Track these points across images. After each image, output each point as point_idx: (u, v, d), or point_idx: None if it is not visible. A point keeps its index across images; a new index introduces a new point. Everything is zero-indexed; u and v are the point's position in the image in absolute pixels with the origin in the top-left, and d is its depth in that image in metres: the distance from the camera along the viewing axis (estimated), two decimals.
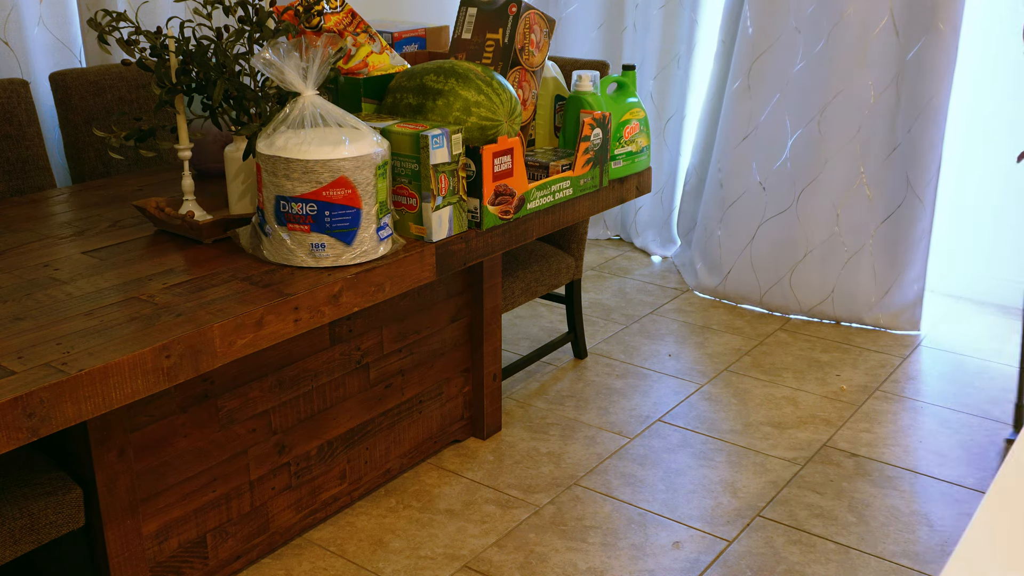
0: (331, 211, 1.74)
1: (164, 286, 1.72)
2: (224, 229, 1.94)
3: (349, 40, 2.12)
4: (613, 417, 2.77)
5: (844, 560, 2.17)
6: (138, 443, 1.81)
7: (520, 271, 2.74)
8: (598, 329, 3.36)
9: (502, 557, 2.17)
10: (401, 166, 1.91)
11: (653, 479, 2.47)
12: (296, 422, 2.13)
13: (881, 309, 3.36)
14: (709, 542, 2.23)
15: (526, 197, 2.13)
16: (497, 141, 2.02)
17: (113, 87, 2.56)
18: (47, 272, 1.78)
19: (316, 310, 1.73)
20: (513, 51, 2.17)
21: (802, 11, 3.27)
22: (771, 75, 3.37)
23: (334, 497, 2.28)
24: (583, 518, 2.31)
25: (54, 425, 1.39)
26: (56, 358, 1.44)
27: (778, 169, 3.42)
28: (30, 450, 1.81)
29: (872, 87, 3.21)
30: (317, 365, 2.14)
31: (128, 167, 2.57)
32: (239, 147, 1.95)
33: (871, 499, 2.39)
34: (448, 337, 2.49)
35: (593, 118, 2.24)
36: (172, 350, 1.52)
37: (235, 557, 2.08)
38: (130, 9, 2.70)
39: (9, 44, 2.46)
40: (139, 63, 1.88)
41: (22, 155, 2.38)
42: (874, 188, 3.30)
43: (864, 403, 2.87)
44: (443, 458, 2.55)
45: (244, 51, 1.91)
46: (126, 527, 1.81)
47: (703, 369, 3.07)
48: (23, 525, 1.66)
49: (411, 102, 2.03)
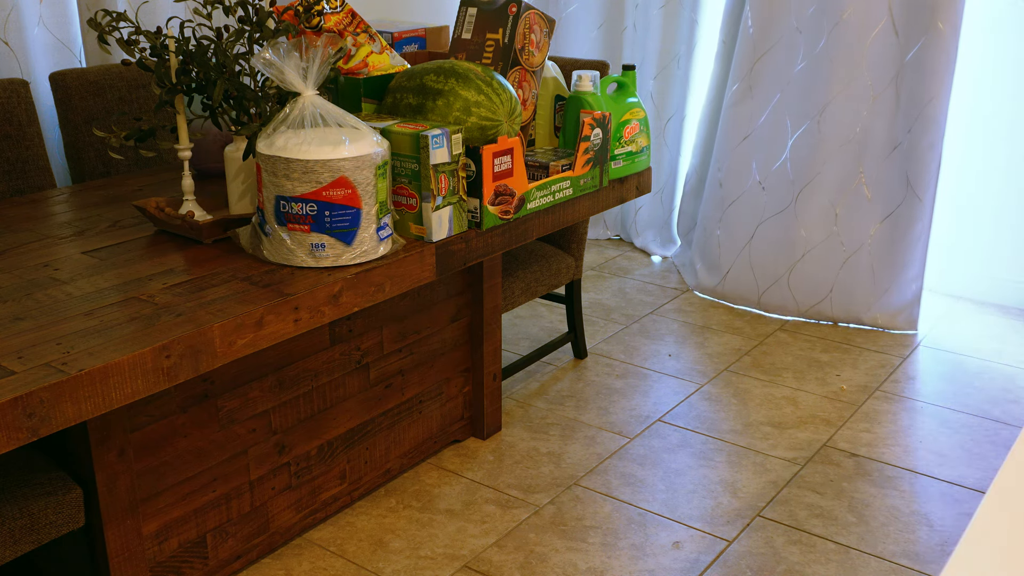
0: (331, 211, 1.74)
1: (164, 286, 1.72)
2: (224, 229, 1.94)
3: (349, 40, 2.12)
4: (613, 417, 2.77)
5: (844, 560, 2.17)
6: (138, 443, 1.81)
7: (520, 271, 2.74)
8: (598, 329, 3.36)
9: (502, 557, 2.17)
10: (401, 166, 1.91)
11: (653, 479, 2.47)
12: (296, 422, 2.13)
13: (879, 309, 3.36)
14: (709, 542, 2.23)
15: (526, 197, 2.13)
16: (497, 141, 2.02)
17: (113, 87, 2.56)
18: (47, 272, 1.78)
19: (316, 310, 1.73)
20: (513, 51, 2.17)
21: (803, 11, 3.27)
22: (772, 75, 3.37)
23: (334, 497, 2.28)
24: (583, 518, 2.31)
25: (54, 425, 1.39)
26: (56, 358, 1.44)
27: (778, 169, 3.42)
28: (30, 450, 1.81)
29: (871, 87, 3.21)
30: (317, 365, 2.14)
31: (128, 167, 2.57)
32: (239, 147, 1.95)
33: (871, 499, 2.40)
34: (448, 337, 2.49)
35: (593, 118, 2.24)
36: (172, 350, 1.52)
37: (235, 557, 2.08)
38: (130, 9, 2.70)
39: (9, 44, 2.46)
40: (139, 63, 1.88)
41: (22, 155, 2.38)
42: (873, 188, 3.30)
43: (864, 403, 2.87)
44: (443, 458, 2.55)
45: (244, 51, 1.91)
46: (126, 527, 1.81)
47: (703, 369, 3.08)
48: (23, 525, 1.66)
49: (411, 102, 2.03)
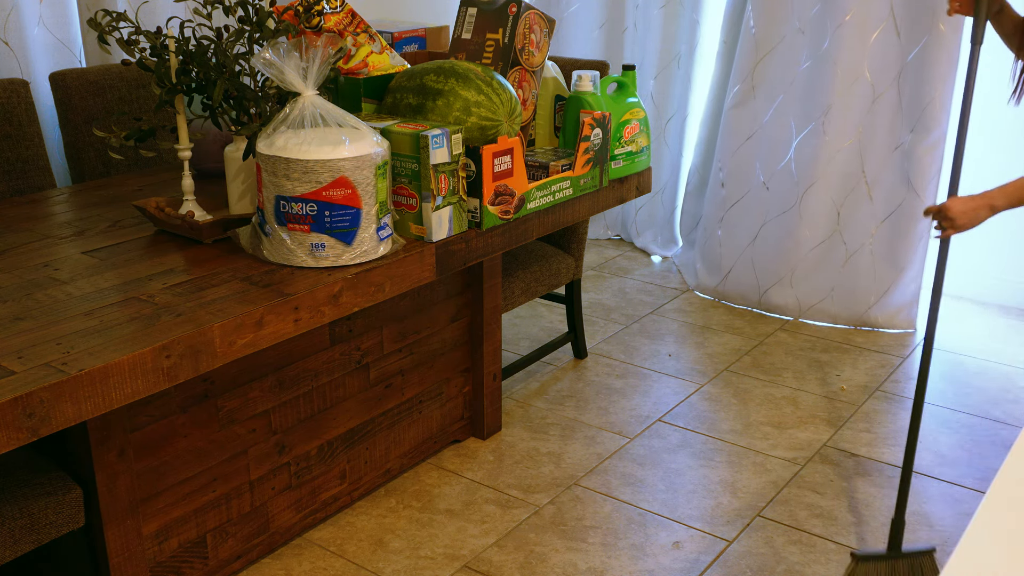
0: (331, 211, 1.74)
1: (164, 286, 1.72)
2: (224, 229, 1.94)
3: (349, 40, 2.12)
4: (613, 417, 2.77)
5: (844, 560, 2.16)
6: (138, 443, 1.81)
7: (520, 271, 2.74)
8: (598, 329, 3.36)
9: (502, 557, 2.17)
10: (401, 166, 1.90)
11: (653, 479, 2.47)
12: (296, 422, 2.13)
13: (879, 309, 3.36)
14: (709, 542, 2.23)
15: (526, 197, 2.13)
16: (497, 141, 2.02)
17: (113, 87, 2.56)
18: (47, 272, 1.78)
19: (316, 310, 1.73)
20: (513, 51, 2.17)
21: (806, 12, 3.27)
22: (775, 76, 3.37)
23: (334, 497, 2.28)
24: (583, 518, 2.31)
25: (54, 425, 1.39)
26: (56, 358, 1.44)
27: (782, 169, 3.42)
28: (30, 450, 1.81)
29: (873, 87, 3.21)
30: (317, 365, 2.14)
31: (128, 167, 2.57)
32: (239, 147, 1.95)
33: (871, 499, 2.39)
34: (448, 337, 2.49)
35: (593, 118, 2.24)
36: (172, 350, 1.52)
37: (235, 557, 2.08)
38: (130, 9, 2.70)
39: (9, 44, 2.46)
40: (139, 63, 1.88)
41: (22, 155, 2.38)
42: (875, 187, 3.30)
43: (864, 403, 2.87)
44: (443, 458, 2.55)
45: (244, 51, 1.91)
46: (126, 527, 1.81)
47: (703, 369, 3.07)
48: (23, 525, 1.66)
49: (411, 102, 2.03)
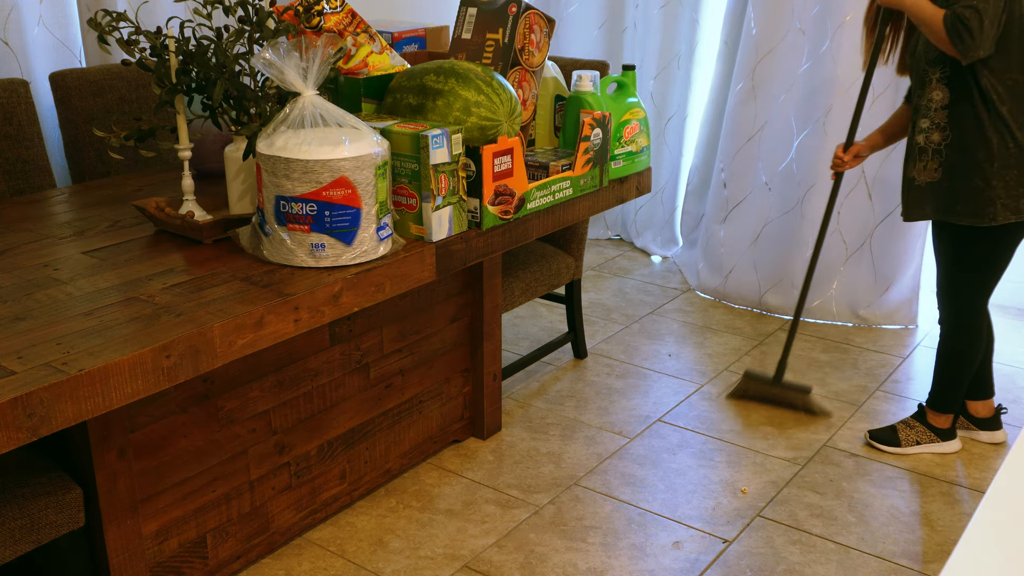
0: (331, 211, 1.74)
1: (164, 286, 1.72)
2: (224, 229, 1.94)
3: (349, 40, 2.12)
4: (613, 417, 2.77)
5: (844, 560, 2.17)
6: (138, 443, 1.81)
7: (520, 271, 2.74)
8: (598, 329, 3.36)
9: (502, 557, 2.17)
10: (401, 166, 1.90)
11: (653, 479, 2.47)
12: (296, 422, 2.13)
13: (879, 306, 3.37)
14: (709, 542, 2.23)
15: (526, 197, 2.13)
16: (497, 141, 2.02)
17: (113, 87, 2.56)
18: (47, 272, 1.78)
19: (316, 310, 1.73)
20: (513, 51, 2.17)
21: (806, 12, 3.27)
22: (776, 76, 3.37)
23: (334, 497, 2.28)
24: (583, 518, 2.31)
25: (54, 425, 1.39)
26: (56, 358, 1.44)
27: (784, 170, 3.42)
28: (30, 450, 1.81)
29: (873, 87, 3.20)
30: (317, 365, 2.14)
31: (128, 167, 2.57)
32: (239, 147, 1.95)
33: (871, 499, 2.39)
34: (448, 337, 2.49)
35: (593, 118, 2.24)
36: (172, 350, 1.52)
37: (235, 557, 2.08)
38: (130, 9, 2.69)
39: (9, 44, 2.46)
40: (139, 63, 1.88)
41: (22, 155, 2.38)
42: (874, 187, 3.30)
43: (864, 403, 2.87)
44: (443, 458, 2.55)
45: (244, 51, 1.91)
46: (126, 527, 1.81)
47: (703, 369, 3.07)
48: (23, 525, 1.66)
49: (411, 102, 2.03)
